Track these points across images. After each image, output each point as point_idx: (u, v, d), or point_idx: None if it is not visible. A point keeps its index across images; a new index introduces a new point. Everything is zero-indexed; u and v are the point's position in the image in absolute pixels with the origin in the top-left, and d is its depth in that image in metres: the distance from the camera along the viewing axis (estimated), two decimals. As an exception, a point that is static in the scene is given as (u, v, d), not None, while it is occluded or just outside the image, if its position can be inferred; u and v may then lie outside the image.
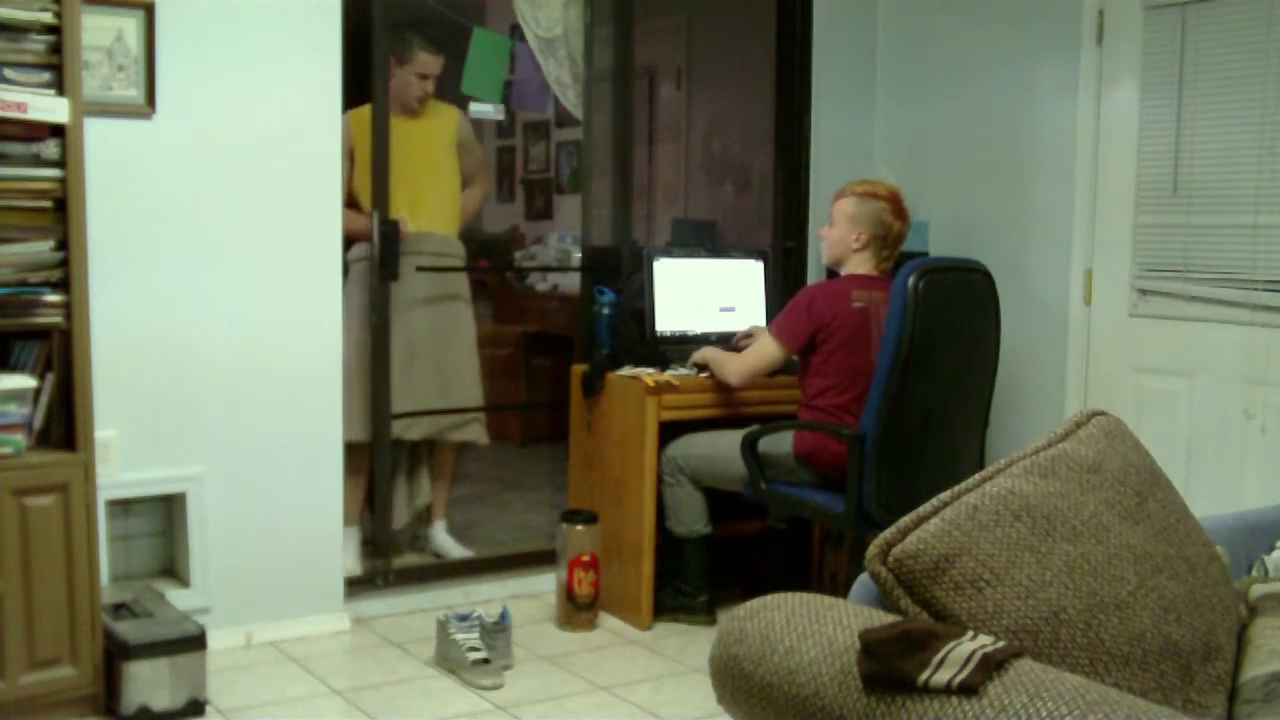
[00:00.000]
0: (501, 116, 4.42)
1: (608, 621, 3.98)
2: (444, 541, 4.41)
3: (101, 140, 3.24)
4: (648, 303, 4.13)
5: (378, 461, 4.08)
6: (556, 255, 6.68)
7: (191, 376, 3.50)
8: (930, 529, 1.57)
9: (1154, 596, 1.61)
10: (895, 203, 3.71)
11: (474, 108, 4.28)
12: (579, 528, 3.88)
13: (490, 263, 7.01)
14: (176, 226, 3.45)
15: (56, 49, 2.95)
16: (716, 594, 3.99)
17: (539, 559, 4.30)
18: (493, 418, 4.72)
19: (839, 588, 4.04)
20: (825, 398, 3.61)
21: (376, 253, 3.97)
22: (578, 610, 3.88)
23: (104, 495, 3.24)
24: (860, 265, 3.71)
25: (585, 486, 4.15)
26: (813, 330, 3.61)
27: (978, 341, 3.57)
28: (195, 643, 3.12)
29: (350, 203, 4.06)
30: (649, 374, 3.90)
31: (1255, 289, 3.63)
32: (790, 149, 4.71)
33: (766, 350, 3.71)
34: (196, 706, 3.11)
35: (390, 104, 4.14)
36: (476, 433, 4.47)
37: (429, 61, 4.19)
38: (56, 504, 2.98)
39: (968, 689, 1.36)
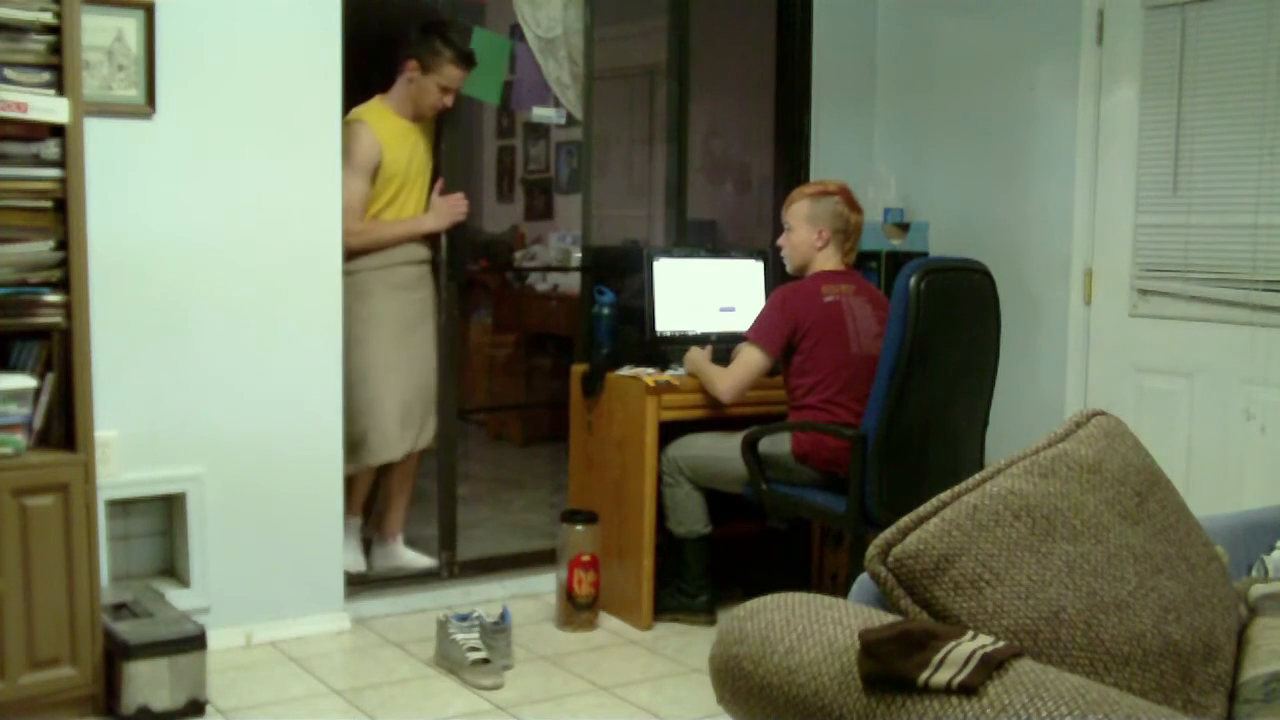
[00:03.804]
0: (564, 121, 4.43)
1: (608, 621, 3.97)
2: (405, 555, 4.26)
3: (101, 140, 3.24)
4: (648, 303, 4.13)
5: (445, 459, 4.12)
6: (556, 255, 6.68)
7: (191, 376, 3.50)
8: (930, 529, 1.57)
9: (1154, 596, 1.61)
10: (847, 195, 3.77)
11: (537, 112, 4.32)
12: (579, 528, 3.88)
13: (490, 263, 7.01)
14: (176, 226, 3.45)
15: (56, 49, 2.95)
16: (716, 594, 3.99)
17: (539, 559, 4.30)
18: (493, 418, 4.70)
19: (839, 588, 4.04)
20: (814, 395, 3.62)
21: (445, 256, 4.07)
22: (578, 610, 3.88)
23: (104, 495, 3.24)
24: (826, 262, 3.74)
25: (585, 486, 4.15)
26: (789, 330, 3.63)
27: (978, 342, 3.57)
28: (195, 643, 3.12)
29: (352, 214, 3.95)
30: (649, 374, 3.90)
31: (1255, 289, 3.63)
32: (790, 149, 4.71)
33: (750, 360, 3.72)
34: (196, 706, 3.11)
35: (399, 105, 4.10)
36: (429, 437, 4.26)
37: (456, 76, 4.03)
38: (56, 504, 2.98)
39: (968, 689, 1.36)
